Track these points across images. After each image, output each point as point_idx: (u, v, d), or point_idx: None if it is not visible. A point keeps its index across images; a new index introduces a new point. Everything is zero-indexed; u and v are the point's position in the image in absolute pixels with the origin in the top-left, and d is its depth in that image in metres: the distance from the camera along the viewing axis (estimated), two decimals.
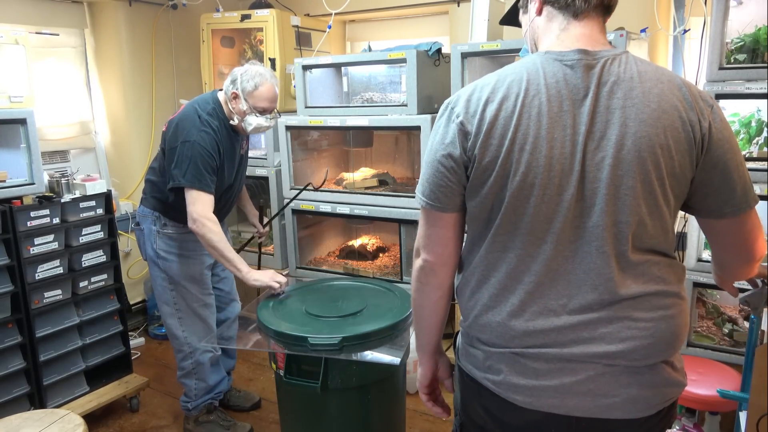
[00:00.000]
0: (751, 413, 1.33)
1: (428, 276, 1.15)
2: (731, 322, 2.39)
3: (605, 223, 0.99)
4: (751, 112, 2.33)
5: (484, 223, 1.07)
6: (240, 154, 2.35)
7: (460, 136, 1.03)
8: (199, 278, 2.34)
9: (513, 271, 1.05)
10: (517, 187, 1.00)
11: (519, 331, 1.04)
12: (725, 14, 2.05)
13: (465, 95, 1.05)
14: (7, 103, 2.35)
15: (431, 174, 1.07)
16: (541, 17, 1.09)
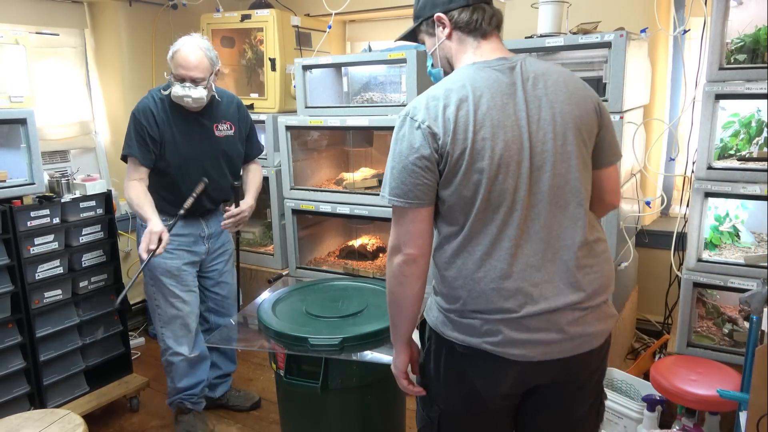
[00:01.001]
0: (751, 413, 1.34)
1: (411, 268, 1.26)
2: (731, 322, 2.39)
3: (556, 183, 1.23)
4: (751, 112, 2.33)
5: (462, 207, 1.23)
6: (214, 135, 2.30)
7: (429, 138, 1.19)
8: (176, 273, 2.31)
9: (495, 241, 1.22)
10: (488, 169, 1.19)
11: (512, 290, 1.22)
12: (725, 14, 2.05)
13: (421, 106, 1.22)
14: (7, 103, 2.35)
15: (406, 176, 1.21)
16: (452, 40, 1.32)
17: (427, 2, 1.33)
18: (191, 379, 2.45)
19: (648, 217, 2.99)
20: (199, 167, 2.29)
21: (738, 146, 2.33)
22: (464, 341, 1.26)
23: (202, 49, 2.17)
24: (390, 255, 1.28)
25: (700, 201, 2.18)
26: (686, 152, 2.81)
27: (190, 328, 2.37)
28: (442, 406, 1.36)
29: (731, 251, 2.34)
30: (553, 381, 1.29)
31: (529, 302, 1.22)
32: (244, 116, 2.43)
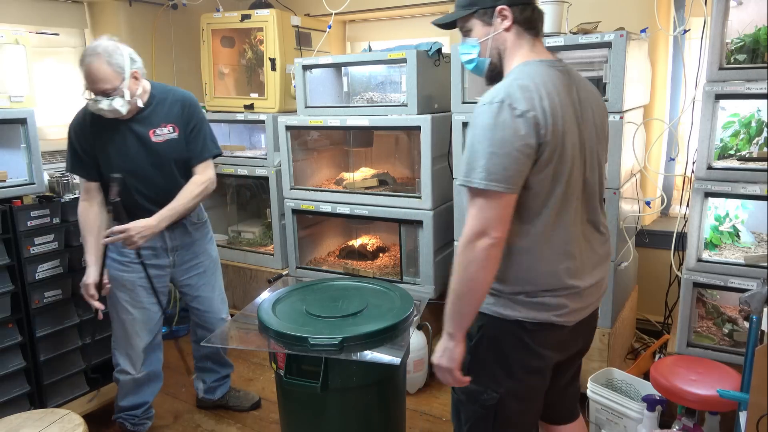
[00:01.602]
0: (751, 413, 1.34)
1: (496, 251, 1.31)
2: (731, 322, 2.39)
3: (596, 180, 1.44)
4: (751, 112, 2.33)
5: (545, 195, 1.33)
6: (151, 142, 2.14)
7: (534, 127, 1.26)
8: (130, 287, 2.24)
9: (567, 226, 1.37)
10: (569, 161, 1.33)
11: (578, 270, 1.40)
12: (725, 14, 2.05)
13: (519, 95, 1.27)
14: (7, 103, 2.35)
15: (510, 162, 1.26)
16: (510, 33, 1.40)
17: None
18: (134, 399, 2.38)
19: (648, 217, 2.99)
20: (141, 177, 2.15)
21: (738, 146, 2.33)
22: (534, 318, 1.38)
23: (103, 58, 1.98)
24: (471, 240, 1.29)
25: (700, 201, 2.18)
26: (686, 152, 2.81)
27: (135, 347, 2.29)
28: (501, 390, 1.43)
29: (731, 251, 2.34)
30: (584, 340, 1.57)
31: (587, 278, 1.43)
32: (189, 114, 2.21)
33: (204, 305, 2.44)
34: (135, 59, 2.08)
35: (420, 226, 2.75)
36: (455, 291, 1.34)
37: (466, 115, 2.56)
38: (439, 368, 1.42)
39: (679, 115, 2.80)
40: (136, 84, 2.07)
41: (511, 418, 1.47)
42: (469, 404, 1.48)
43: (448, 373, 1.40)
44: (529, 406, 1.51)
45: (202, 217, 2.40)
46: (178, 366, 3.11)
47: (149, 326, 2.32)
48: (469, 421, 1.49)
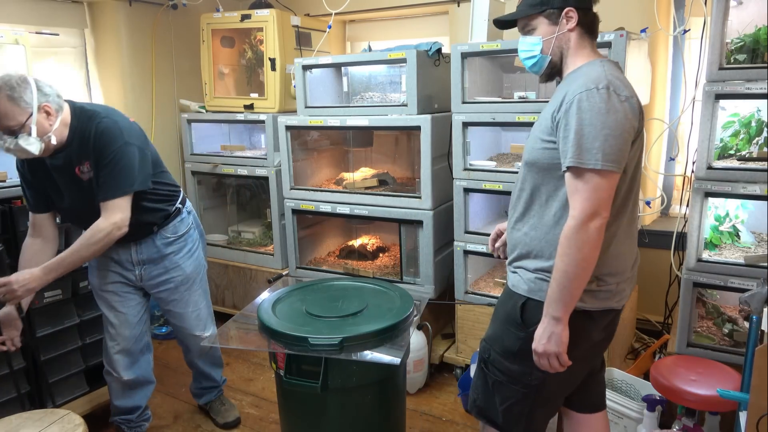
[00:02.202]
0: (751, 413, 1.33)
1: (603, 232, 1.37)
2: (731, 322, 2.39)
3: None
4: (751, 112, 2.33)
5: (630, 177, 1.44)
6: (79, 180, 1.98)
7: (637, 111, 1.38)
8: (99, 292, 2.23)
9: (630, 212, 1.49)
10: (642, 147, 1.47)
11: (634, 254, 1.56)
12: (725, 14, 2.05)
13: (618, 83, 1.37)
14: None
15: (623, 144, 1.34)
16: (573, 34, 1.49)
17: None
18: (127, 402, 2.33)
19: (648, 217, 2.99)
20: (81, 215, 2.04)
21: (738, 146, 2.33)
22: (600, 306, 1.47)
23: (4, 92, 1.80)
24: (585, 222, 1.34)
25: (700, 201, 2.18)
26: (686, 152, 2.81)
27: (115, 349, 2.24)
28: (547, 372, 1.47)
29: (731, 251, 2.34)
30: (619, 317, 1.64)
31: (635, 262, 1.58)
32: (99, 150, 1.93)
33: (176, 320, 2.36)
34: (46, 92, 1.88)
35: (420, 226, 2.75)
36: (567, 273, 1.36)
37: (466, 115, 2.56)
38: (545, 354, 1.42)
39: (679, 115, 2.80)
40: (48, 119, 1.88)
41: (549, 396, 1.56)
42: (510, 384, 1.54)
43: (556, 357, 1.42)
44: (569, 386, 1.60)
45: (179, 231, 2.24)
46: (178, 366, 3.11)
47: (127, 330, 2.25)
48: (507, 401, 1.55)
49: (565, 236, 1.36)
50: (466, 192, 2.65)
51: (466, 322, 2.75)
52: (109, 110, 2.03)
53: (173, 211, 2.22)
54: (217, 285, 3.53)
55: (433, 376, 2.89)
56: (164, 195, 2.18)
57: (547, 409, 1.61)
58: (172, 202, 2.23)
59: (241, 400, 2.76)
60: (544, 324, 1.42)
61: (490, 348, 1.58)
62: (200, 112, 3.52)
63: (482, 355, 1.61)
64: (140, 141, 2.02)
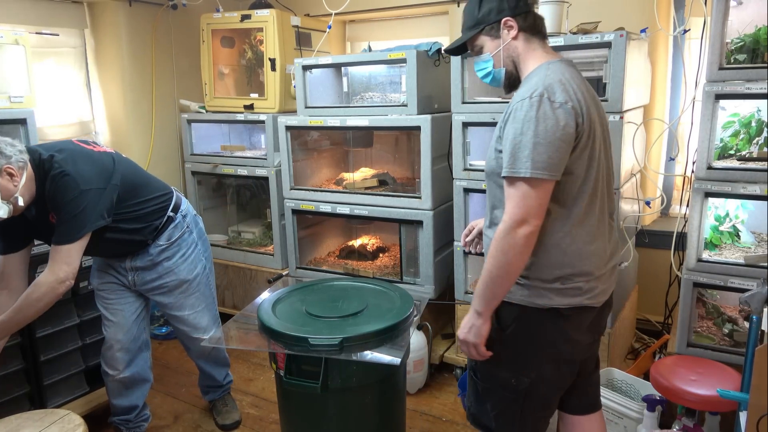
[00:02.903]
0: (751, 413, 1.33)
1: (533, 238, 1.40)
2: (731, 322, 2.39)
3: (611, 168, 1.56)
4: (751, 112, 2.33)
5: (582, 178, 1.43)
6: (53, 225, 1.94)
7: (573, 116, 1.37)
8: (97, 291, 2.26)
9: (597, 211, 1.47)
10: (598, 149, 1.45)
11: (605, 252, 1.51)
12: (725, 14, 2.05)
13: (557, 87, 1.38)
14: (7, 103, 2.35)
15: (553, 152, 1.35)
16: (519, 41, 1.51)
17: (492, 9, 1.50)
18: (125, 401, 2.33)
19: (648, 217, 2.99)
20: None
21: (738, 146, 2.33)
22: (569, 304, 1.47)
23: None
24: (513, 228, 1.37)
25: (700, 201, 2.18)
26: (686, 152, 2.81)
27: (112, 348, 2.25)
28: (533, 374, 1.52)
29: (731, 251, 2.34)
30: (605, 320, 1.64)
31: (611, 260, 1.54)
32: (54, 204, 1.88)
33: (174, 321, 2.37)
34: (7, 153, 1.81)
35: (420, 226, 2.75)
36: (491, 273, 1.43)
37: (466, 115, 2.56)
38: (465, 342, 1.51)
39: (679, 115, 2.80)
40: (12, 181, 1.83)
41: (539, 401, 1.56)
42: (498, 390, 1.56)
43: (474, 347, 1.51)
44: (557, 390, 1.60)
45: (173, 237, 2.22)
46: (179, 366, 3.12)
47: (123, 329, 2.25)
48: (498, 407, 1.57)
49: (494, 239, 1.41)
50: (466, 192, 2.65)
51: None
52: (67, 155, 1.92)
53: (164, 221, 2.20)
54: (217, 285, 3.51)
55: (433, 376, 2.89)
56: (151, 212, 2.15)
57: (542, 412, 1.60)
58: (162, 214, 2.19)
59: (241, 400, 2.76)
60: (468, 315, 1.51)
61: None
62: (200, 112, 3.52)
63: (470, 363, 1.64)
64: (101, 179, 1.95)
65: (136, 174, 2.16)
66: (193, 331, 2.36)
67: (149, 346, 2.39)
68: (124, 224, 2.07)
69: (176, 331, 2.44)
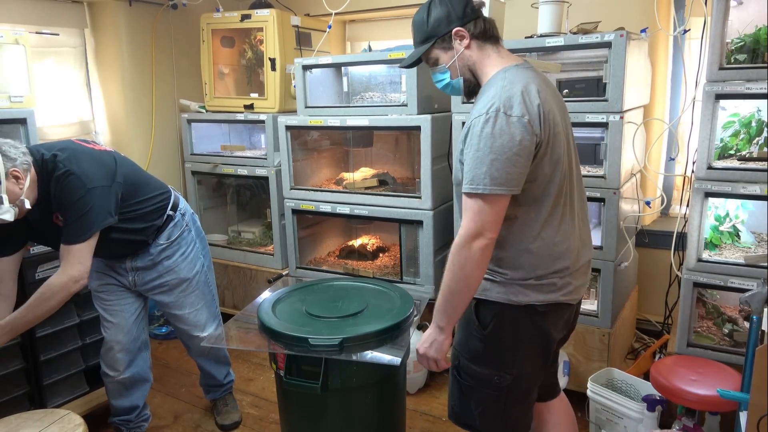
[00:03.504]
0: (751, 413, 1.33)
1: (489, 252, 1.42)
2: (731, 322, 2.39)
3: (578, 165, 1.59)
4: (751, 112, 2.33)
5: (547, 182, 1.44)
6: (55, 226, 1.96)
7: (529, 129, 1.36)
8: (95, 293, 2.24)
9: (565, 211, 1.50)
10: (563, 153, 1.46)
11: (576, 249, 1.53)
12: (725, 14, 2.05)
13: (515, 100, 1.38)
14: (7, 103, 2.35)
15: (511, 167, 1.36)
16: (471, 50, 1.51)
17: (441, 21, 1.49)
18: (125, 401, 2.32)
19: (648, 217, 2.99)
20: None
21: (738, 146, 2.33)
22: (545, 300, 1.49)
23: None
24: (468, 241, 1.40)
25: (700, 201, 2.18)
26: (686, 152, 2.81)
27: (113, 350, 2.23)
28: (513, 371, 1.54)
29: (731, 251, 2.34)
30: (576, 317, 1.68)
31: (582, 256, 1.56)
32: (61, 204, 1.89)
33: (174, 320, 2.36)
34: (12, 156, 1.80)
35: (420, 226, 2.75)
36: (450, 287, 1.45)
37: (466, 115, 2.55)
38: (425, 357, 1.55)
39: (679, 115, 2.80)
40: (18, 184, 1.81)
41: (520, 396, 1.59)
42: (481, 389, 1.57)
43: (434, 361, 1.55)
44: (536, 383, 1.64)
45: (173, 236, 2.22)
46: (179, 366, 3.12)
47: (123, 330, 2.24)
48: (481, 405, 1.58)
49: (450, 253, 1.43)
50: None
51: None
52: (70, 154, 1.92)
53: (164, 220, 2.20)
54: (217, 285, 3.51)
55: (433, 376, 2.89)
56: (151, 211, 2.15)
57: (523, 406, 1.64)
58: (161, 214, 2.19)
59: (241, 400, 2.76)
60: (430, 330, 1.54)
61: (459, 354, 1.62)
62: (200, 112, 3.52)
63: (453, 362, 1.64)
64: (105, 177, 1.94)
65: (137, 173, 2.16)
66: (193, 329, 2.36)
67: (148, 346, 2.39)
68: (128, 224, 2.07)
69: (176, 330, 2.44)
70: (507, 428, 1.61)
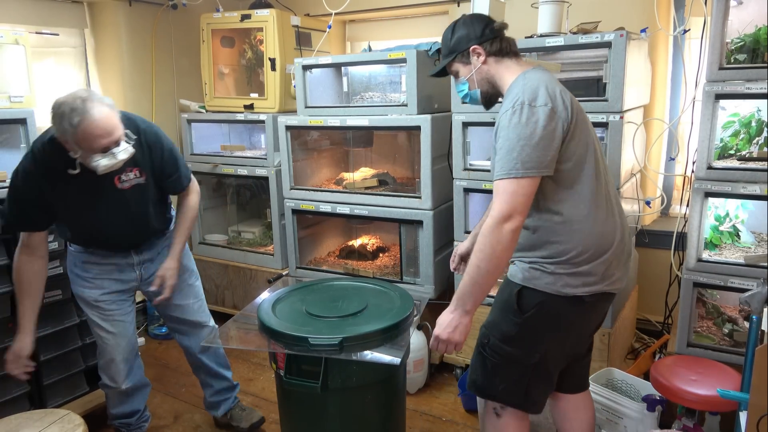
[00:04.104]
0: (751, 413, 1.33)
1: (518, 234, 1.48)
2: (731, 322, 2.39)
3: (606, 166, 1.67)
4: (751, 112, 2.33)
5: (583, 162, 1.53)
6: (122, 188, 1.97)
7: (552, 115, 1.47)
8: (95, 304, 2.13)
9: (603, 190, 1.57)
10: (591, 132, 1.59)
11: (620, 237, 1.59)
12: (725, 14, 2.05)
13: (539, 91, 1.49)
14: (7, 103, 2.35)
15: (540, 150, 1.45)
16: (488, 65, 1.66)
17: (462, 39, 1.67)
18: (126, 408, 2.32)
19: (648, 217, 2.99)
20: (109, 226, 2.03)
21: (738, 146, 2.33)
22: (591, 291, 1.56)
23: (105, 103, 1.77)
24: (499, 223, 1.45)
25: (700, 201, 2.18)
26: (686, 152, 2.81)
27: (115, 361, 2.19)
28: (544, 348, 1.61)
29: (731, 251, 2.34)
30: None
31: (625, 245, 1.62)
32: (155, 152, 2.01)
33: (179, 313, 2.31)
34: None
35: (420, 226, 2.75)
36: (479, 268, 1.48)
37: (466, 115, 2.56)
38: (449, 341, 1.56)
39: (679, 115, 2.80)
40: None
41: (544, 374, 1.66)
42: (509, 366, 1.64)
43: (455, 345, 1.57)
44: (562, 362, 1.71)
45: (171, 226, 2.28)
46: (178, 366, 3.12)
47: (126, 338, 2.22)
48: (506, 381, 1.66)
49: (482, 234, 1.48)
50: (466, 192, 2.65)
51: None
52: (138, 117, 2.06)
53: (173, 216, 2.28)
54: (217, 285, 3.53)
55: (433, 376, 2.89)
56: (170, 202, 2.26)
57: (544, 384, 1.70)
58: (170, 204, 2.28)
59: (242, 400, 2.75)
60: (454, 314, 1.55)
61: (490, 333, 1.68)
62: (200, 112, 3.52)
63: (482, 340, 1.71)
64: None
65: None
66: (201, 317, 2.35)
67: (138, 352, 2.36)
68: (161, 208, 2.18)
69: (179, 332, 2.39)
70: (526, 401, 1.68)
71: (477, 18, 1.71)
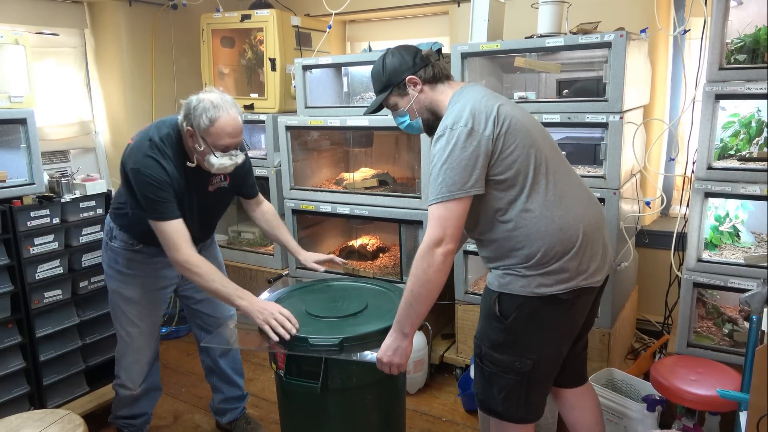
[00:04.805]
0: (751, 413, 1.33)
1: (451, 258, 1.51)
2: (731, 322, 2.39)
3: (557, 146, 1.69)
4: (751, 112, 2.33)
5: (522, 170, 1.52)
6: (210, 191, 2.08)
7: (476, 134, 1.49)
8: (137, 299, 2.13)
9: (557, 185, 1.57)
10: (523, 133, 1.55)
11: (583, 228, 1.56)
12: (725, 14, 2.05)
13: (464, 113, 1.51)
14: (7, 103, 2.35)
15: (463, 172, 1.47)
16: (425, 93, 1.67)
17: (395, 71, 1.67)
18: (132, 410, 2.31)
19: (648, 217, 2.99)
20: (201, 219, 2.09)
21: (738, 146, 2.33)
22: (567, 288, 1.55)
23: (237, 109, 1.92)
24: (431, 248, 1.48)
25: (700, 201, 2.18)
26: (686, 152, 2.81)
27: (140, 361, 2.20)
28: (535, 356, 1.60)
29: (731, 251, 2.34)
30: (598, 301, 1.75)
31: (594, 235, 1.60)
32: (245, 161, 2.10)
33: (208, 309, 2.31)
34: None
35: (420, 226, 2.75)
36: (412, 292, 1.53)
37: None
38: (390, 364, 1.62)
39: (679, 115, 2.80)
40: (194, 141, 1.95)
41: (541, 379, 1.66)
42: (504, 374, 1.63)
43: (398, 367, 1.63)
44: (557, 366, 1.70)
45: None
46: (179, 366, 3.12)
47: (155, 337, 2.24)
48: (505, 390, 1.64)
49: (415, 258, 1.51)
50: None
51: (466, 322, 2.75)
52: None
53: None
54: None
55: (433, 376, 2.89)
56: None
57: (542, 389, 1.70)
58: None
59: None
60: (393, 337, 1.60)
61: (481, 343, 1.69)
62: None
63: (476, 351, 1.72)
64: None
65: None
66: (228, 308, 2.31)
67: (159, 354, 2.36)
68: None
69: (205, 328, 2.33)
70: (529, 413, 1.67)
71: (404, 49, 1.71)
